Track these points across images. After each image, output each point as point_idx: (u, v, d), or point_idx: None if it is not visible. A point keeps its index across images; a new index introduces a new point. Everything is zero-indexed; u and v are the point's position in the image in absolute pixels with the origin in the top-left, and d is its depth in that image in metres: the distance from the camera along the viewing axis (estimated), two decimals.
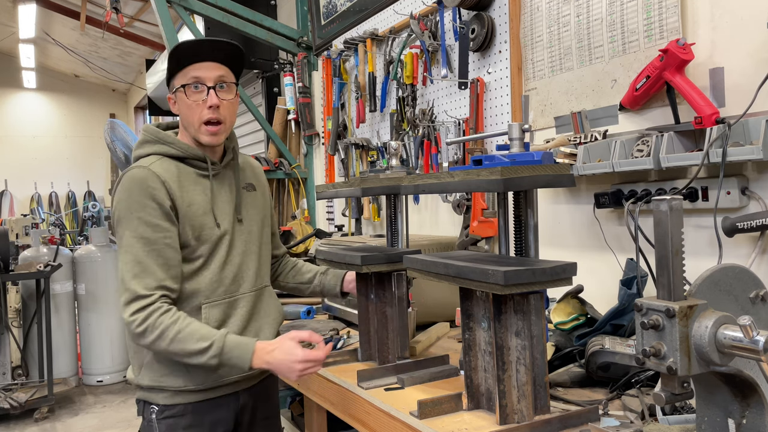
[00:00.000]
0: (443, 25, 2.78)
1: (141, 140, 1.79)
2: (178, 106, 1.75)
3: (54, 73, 11.89)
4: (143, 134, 1.79)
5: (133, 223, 1.64)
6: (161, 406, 1.73)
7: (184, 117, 1.75)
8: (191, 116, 1.71)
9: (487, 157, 1.45)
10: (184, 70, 1.70)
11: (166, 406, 1.72)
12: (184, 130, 1.79)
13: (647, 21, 1.89)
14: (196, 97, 1.70)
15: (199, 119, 1.71)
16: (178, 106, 1.75)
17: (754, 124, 1.57)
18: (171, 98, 1.77)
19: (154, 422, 1.73)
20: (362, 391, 1.68)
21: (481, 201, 2.47)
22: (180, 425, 1.72)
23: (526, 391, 1.36)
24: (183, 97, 1.71)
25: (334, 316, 2.64)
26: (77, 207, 11.82)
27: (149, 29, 8.03)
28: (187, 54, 1.69)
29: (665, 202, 1.00)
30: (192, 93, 1.70)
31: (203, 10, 3.86)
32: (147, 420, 1.75)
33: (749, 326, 0.93)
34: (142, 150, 1.76)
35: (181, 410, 1.72)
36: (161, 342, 1.59)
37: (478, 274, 1.31)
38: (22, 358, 5.22)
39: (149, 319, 1.59)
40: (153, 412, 1.73)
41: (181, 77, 1.71)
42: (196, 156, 1.75)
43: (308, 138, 4.25)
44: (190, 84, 1.69)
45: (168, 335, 1.58)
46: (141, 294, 1.60)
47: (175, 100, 1.75)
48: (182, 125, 1.79)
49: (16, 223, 6.81)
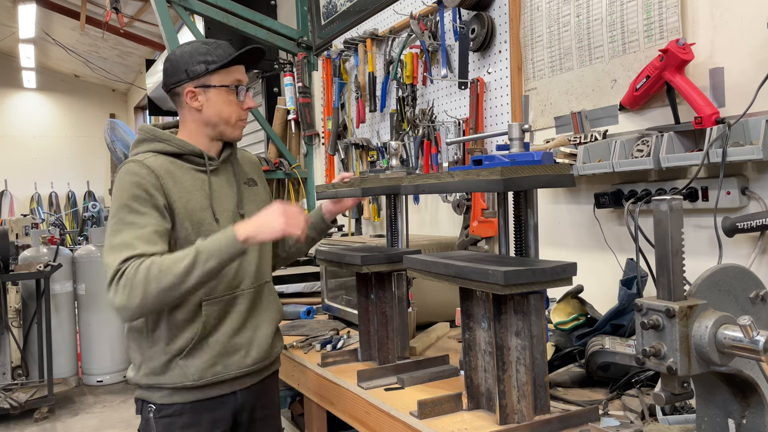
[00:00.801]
0: (443, 25, 2.78)
1: (137, 139, 1.80)
2: (211, 102, 1.77)
3: (54, 73, 11.89)
4: (139, 133, 1.81)
5: (122, 212, 1.63)
6: (158, 405, 1.73)
7: (217, 114, 1.77)
8: (230, 113, 1.79)
9: (487, 157, 1.45)
10: (227, 70, 1.78)
11: (164, 405, 1.73)
12: (199, 128, 1.79)
13: (647, 21, 1.89)
14: (234, 98, 1.79)
15: (237, 116, 1.81)
16: (210, 103, 1.77)
17: (754, 124, 1.57)
18: (195, 92, 1.76)
19: (152, 421, 1.73)
20: (362, 391, 1.68)
21: (481, 201, 2.47)
22: (177, 424, 1.72)
23: (526, 391, 1.36)
24: (223, 95, 1.77)
25: (334, 316, 2.64)
26: (77, 207, 11.82)
27: (149, 29, 8.04)
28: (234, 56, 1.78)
29: (665, 202, 1.00)
30: (232, 93, 1.79)
31: (203, 10, 3.86)
32: (145, 419, 1.76)
33: (749, 326, 0.93)
34: (138, 148, 1.78)
35: (178, 409, 1.72)
36: (150, 286, 1.51)
37: (478, 274, 1.31)
38: (22, 358, 5.22)
39: (123, 279, 1.52)
40: (150, 410, 1.74)
41: (223, 76, 1.77)
42: (193, 152, 1.77)
43: (308, 138, 4.25)
44: (232, 85, 1.78)
45: (151, 276, 1.51)
46: (116, 269, 1.55)
47: (205, 96, 1.77)
48: (201, 122, 1.79)
49: (16, 223, 6.81)
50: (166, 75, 1.80)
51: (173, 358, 1.70)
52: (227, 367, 1.74)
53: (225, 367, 1.74)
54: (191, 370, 1.70)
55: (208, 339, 1.72)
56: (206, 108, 1.77)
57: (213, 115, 1.78)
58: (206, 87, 1.76)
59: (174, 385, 1.70)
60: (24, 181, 11.57)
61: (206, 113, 1.78)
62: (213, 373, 1.72)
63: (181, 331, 1.70)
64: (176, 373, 1.70)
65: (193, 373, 1.70)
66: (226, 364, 1.74)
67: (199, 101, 1.77)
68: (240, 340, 1.77)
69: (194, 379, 1.70)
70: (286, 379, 2.23)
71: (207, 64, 1.75)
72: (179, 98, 1.79)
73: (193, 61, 1.75)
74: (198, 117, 1.78)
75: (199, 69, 1.75)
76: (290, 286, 2.96)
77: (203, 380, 1.71)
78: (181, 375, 1.70)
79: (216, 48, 1.78)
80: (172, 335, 1.70)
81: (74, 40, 9.46)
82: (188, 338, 1.70)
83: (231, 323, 1.75)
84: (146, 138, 1.78)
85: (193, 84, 1.76)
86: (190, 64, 1.75)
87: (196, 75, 1.75)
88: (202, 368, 1.70)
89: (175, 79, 1.78)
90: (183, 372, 1.70)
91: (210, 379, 1.72)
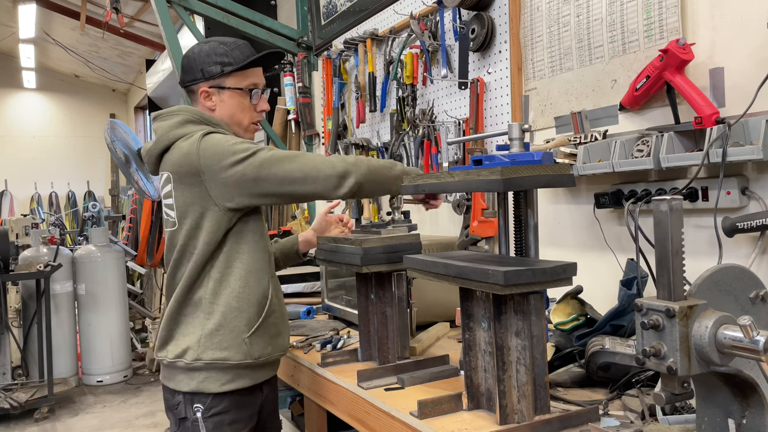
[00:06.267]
0: (443, 25, 2.78)
1: (182, 120, 1.73)
2: (225, 104, 1.78)
3: (54, 73, 11.88)
4: (183, 114, 1.74)
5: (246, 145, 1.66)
6: (210, 401, 1.69)
7: (230, 115, 1.80)
8: (243, 116, 1.81)
9: (487, 157, 1.45)
10: (243, 72, 1.78)
11: (215, 399, 1.69)
12: None
13: (647, 21, 1.89)
14: (248, 101, 1.80)
15: (250, 119, 1.83)
16: (224, 104, 1.78)
17: (754, 124, 1.57)
18: (209, 92, 1.77)
19: (200, 421, 1.69)
20: (362, 391, 1.68)
21: (481, 201, 2.47)
22: (225, 421, 1.71)
23: (526, 392, 1.36)
24: (236, 98, 1.78)
25: (334, 316, 2.64)
26: (77, 207, 11.81)
27: (149, 29, 8.03)
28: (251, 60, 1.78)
29: (665, 202, 1.00)
30: (245, 96, 1.79)
31: (203, 10, 3.86)
32: (191, 420, 1.70)
33: (749, 326, 0.93)
34: (186, 129, 1.72)
35: (227, 405, 1.71)
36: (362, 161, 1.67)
37: (478, 274, 1.31)
38: (22, 358, 5.23)
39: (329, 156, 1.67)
40: (199, 410, 1.69)
41: (239, 79, 1.78)
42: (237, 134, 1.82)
43: (308, 138, 4.25)
44: (247, 89, 1.79)
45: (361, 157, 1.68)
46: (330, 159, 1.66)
47: (219, 96, 1.77)
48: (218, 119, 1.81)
49: (16, 223, 6.81)
50: (183, 71, 1.80)
51: (239, 334, 1.69)
52: (275, 348, 1.79)
53: (274, 348, 1.78)
54: (254, 348, 1.72)
55: (269, 319, 1.75)
56: (219, 109, 1.79)
57: (226, 116, 1.79)
58: (221, 88, 1.77)
59: (239, 362, 1.69)
60: (24, 181, 11.56)
61: (219, 114, 1.79)
62: (267, 353, 1.75)
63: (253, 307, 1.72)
64: (243, 350, 1.70)
65: (255, 351, 1.72)
66: (274, 345, 1.79)
67: (213, 101, 1.78)
68: (281, 322, 1.82)
69: (255, 357, 1.72)
70: (286, 379, 2.23)
71: (223, 65, 1.75)
72: (194, 95, 1.80)
73: (209, 60, 1.75)
74: (213, 116, 1.79)
75: (214, 70, 1.75)
76: (290, 286, 2.96)
77: (261, 359, 1.74)
78: (245, 353, 1.70)
79: (234, 49, 1.77)
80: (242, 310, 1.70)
81: (74, 40, 9.46)
82: (256, 314, 1.72)
83: (279, 304, 1.81)
84: (194, 119, 1.74)
85: (208, 84, 1.76)
86: (206, 63, 1.76)
87: (211, 75, 1.76)
88: (262, 346, 1.74)
89: (191, 77, 1.78)
90: (248, 350, 1.70)
91: (266, 358, 1.75)
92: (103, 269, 5.61)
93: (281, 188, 1.64)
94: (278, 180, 1.63)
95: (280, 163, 1.63)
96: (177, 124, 1.73)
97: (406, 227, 1.90)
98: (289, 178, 1.63)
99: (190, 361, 1.68)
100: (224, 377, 1.70)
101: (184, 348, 1.70)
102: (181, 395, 1.71)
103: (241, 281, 1.70)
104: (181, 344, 1.71)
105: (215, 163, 1.63)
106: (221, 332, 1.69)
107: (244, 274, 1.71)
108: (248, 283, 1.71)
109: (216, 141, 1.66)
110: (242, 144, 1.66)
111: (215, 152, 1.64)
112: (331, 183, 1.64)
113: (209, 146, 1.65)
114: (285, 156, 1.65)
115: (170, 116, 1.75)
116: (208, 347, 1.68)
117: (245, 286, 1.71)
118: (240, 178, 1.63)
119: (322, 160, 1.66)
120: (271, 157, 1.64)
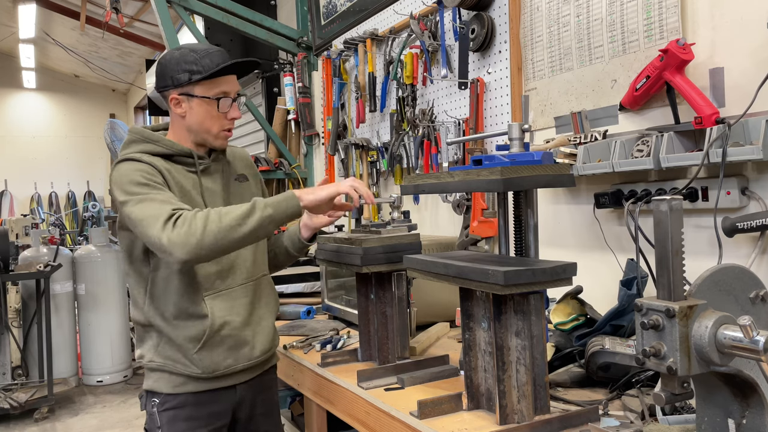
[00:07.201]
0: (443, 25, 2.78)
1: (127, 141, 1.80)
2: (193, 111, 1.77)
3: (54, 73, 11.89)
4: (129, 135, 1.81)
5: (137, 188, 1.64)
6: (163, 397, 1.76)
7: (198, 123, 1.77)
8: (211, 125, 1.78)
9: (487, 157, 1.45)
10: (212, 81, 1.75)
11: (168, 397, 1.75)
12: (184, 132, 1.81)
13: (647, 21, 1.89)
14: (216, 110, 1.77)
15: (220, 127, 1.80)
16: (192, 112, 1.77)
17: (754, 124, 1.57)
18: (178, 100, 1.77)
19: (156, 414, 1.77)
20: (362, 391, 1.68)
21: (481, 201, 2.47)
22: (180, 417, 1.76)
23: (526, 392, 1.36)
24: (204, 106, 1.76)
25: (334, 316, 2.64)
26: (77, 207, 11.82)
27: (149, 29, 8.03)
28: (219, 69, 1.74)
29: (665, 202, 1.00)
30: (213, 104, 1.76)
31: (203, 10, 3.86)
32: (149, 413, 1.80)
33: (749, 326, 0.93)
34: (129, 150, 1.77)
35: (182, 401, 1.75)
36: (211, 225, 1.52)
37: (478, 274, 1.31)
38: (22, 358, 5.22)
39: (180, 220, 1.53)
40: (154, 404, 1.77)
41: (207, 88, 1.75)
42: (183, 152, 1.78)
43: (308, 138, 4.25)
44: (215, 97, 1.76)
45: (211, 218, 1.54)
46: (170, 213, 1.55)
47: (188, 104, 1.77)
48: (185, 128, 1.80)
49: (16, 223, 6.81)
50: (156, 77, 1.82)
51: (186, 348, 1.73)
52: (237, 360, 1.78)
53: (235, 360, 1.78)
54: (206, 362, 1.74)
55: (220, 333, 1.75)
56: (189, 116, 1.78)
57: (194, 123, 1.78)
58: (189, 96, 1.76)
59: (190, 373, 1.74)
60: (24, 181, 11.56)
61: (189, 121, 1.79)
62: (227, 365, 1.76)
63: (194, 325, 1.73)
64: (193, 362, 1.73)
65: (208, 365, 1.74)
66: (236, 356, 1.78)
67: (182, 108, 1.78)
68: (246, 333, 1.80)
69: (210, 371, 1.74)
70: (286, 379, 2.23)
71: (191, 73, 1.74)
72: (167, 101, 1.81)
73: (178, 68, 1.75)
74: (183, 122, 1.79)
75: (183, 78, 1.74)
76: (290, 286, 2.96)
77: (218, 372, 1.75)
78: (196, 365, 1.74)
79: (204, 57, 1.74)
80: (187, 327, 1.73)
81: (74, 40, 9.46)
82: (200, 332, 1.73)
83: (237, 316, 1.78)
84: (136, 139, 1.78)
85: (177, 91, 1.76)
86: (175, 71, 1.75)
87: (179, 83, 1.75)
88: (217, 360, 1.75)
89: (162, 83, 1.79)
90: (199, 363, 1.74)
91: (224, 371, 1.76)
92: (103, 269, 5.61)
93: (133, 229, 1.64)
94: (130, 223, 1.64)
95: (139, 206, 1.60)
96: (126, 143, 1.81)
97: (406, 227, 1.90)
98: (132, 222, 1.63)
99: (146, 362, 1.79)
100: (176, 380, 1.76)
101: (142, 351, 1.81)
102: (144, 390, 1.82)
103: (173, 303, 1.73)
104: (142, 347, 1.82)
105: (114, 190, 1.70)
106: (166, 346, 1.76)
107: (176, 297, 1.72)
108: (180, 304, 1.72)
109: (120, 173, 1.69)
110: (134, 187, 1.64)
111: (115, 182, 1.69)
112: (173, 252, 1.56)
113: (115, 176, 1.70)
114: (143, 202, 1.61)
115: (128, 133, 1.82)
116: (159, 353, 1.77)
117: (178, 307, 1.73)
118: (121, 214, 1.69)
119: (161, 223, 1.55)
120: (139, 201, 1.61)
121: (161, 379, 1.77)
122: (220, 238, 1.53)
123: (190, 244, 1.52)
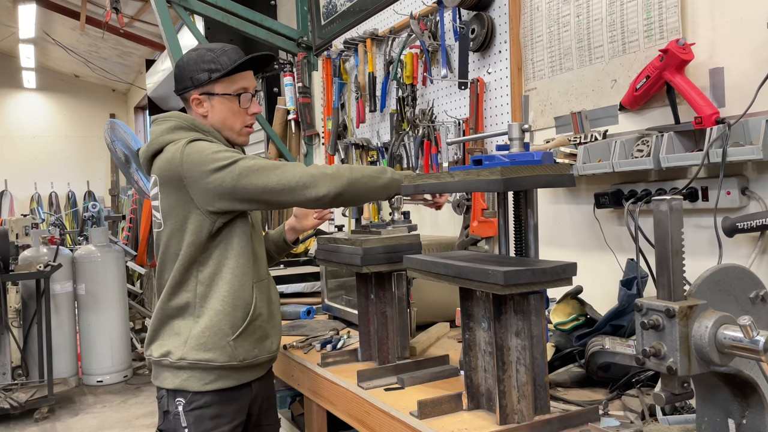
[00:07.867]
0: (443, 25, 2.78)
1: (173, 126, 1.79)
2: (215, 109, 1.81)
3: (54, 73, 11.88)
4: (175, 120, 1.80)
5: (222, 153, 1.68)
6: (191, 396, 1.74)
7: (221, 121, 1.82)
8: (234, 121, 1.83)
9: (487, 157, 1.45)
10: (232, 77, 1.79)
11: (196, 395, 1.74)
12: None
13: (647, 21, 1.89)
14: (238, 106, 1.82)
15: (242, 123, 1.85)
16: (214, 110, 1.81)
17: (754, 124, 1.57)
18: (200, 99, 1.80)
19: (181, 414, 1.74)
20: (362, 391, 1.68)
21: (481, 201, 2.47)
22: (207, 416, 1.75)
23: (526, 392, 1.36)
24: (226, 103, 1.80)
25: (334, 316, 2.64)
26: (77, 207, 11.81)
27: (149, 29, 8.03)
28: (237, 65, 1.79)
29: (665, 202, 1.00)
30: (235, 101, 1.81)
31: (203, 10, 3.86)
32: (173, 414, 1.75)
33: (749, 326, 0.93)
34: (175, 135, 1.76)
35: (208, 400, 1.75)
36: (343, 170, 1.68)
37: (478, 274, 1.31)
38: (22, 358, 5.22)
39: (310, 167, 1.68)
40: (180, 404, 1.75)
41: (227, 85, 1.79)
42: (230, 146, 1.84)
43: (308, 138, 4.25)
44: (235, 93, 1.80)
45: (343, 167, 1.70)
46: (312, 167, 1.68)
47: (209, 103, 1.80)
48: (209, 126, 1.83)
49: (16, 223, 6.81)
50: (175, 81, 1.85)
51: (223, 337, 1.73)
52: (261, 351, 1.82)
53: (260, 351, 1.81)
54: (239, 351, 1.75)
55: (255, 322, 1.78)
56: (211, 114, 1.82)
57: (217, 121, 1.82)
58: (210, 95, 1.79)
59: (222, 363, 1.74)
60: (24, 181, 11.56)
61: (211, 119, 1.82)
62: (253, 356, 1.79)
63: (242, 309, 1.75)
64: (227, 352, 1.74)
65: (240, 354, 1.75)
66: (261, 348, 1.82)
67: (204, 108, 1.81)
68: (269, 326, 1.85)
69: (240, 359, 1.76)
70: (286, 379, 2.23)
71: (210, 72, 1.78)
72: (188, 103, 1.83)
73: (197, 68, 1.78)
74: (205, 122, 1.82)
75: (202, 77, 1.78)
76: (290, 286, 2.96)
77: (246, 361, 1.77)
78: (229, 355, 1.74)
79: (221, 55, 1.79)
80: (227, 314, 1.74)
81: (74, 40, 9.46)
82: (242, 318, 1.75)
83: (267, 308, 1.84)
84: (184, 126, 1.79)
85: (198, 91, 1.80)
86: (195, 71, 1.79)
87: (200, 83, 1.79)
88: (247, 349, 1.77)
89: (182, 85, 1.82)
90: (232, 352, 1.74)
91: (251, 360, 1.79)
92: (103, 269, 5.61)
93: (260, 197, 1.68)
94: (257, 189, 1.67)
95: (258, 173, 1.67)
96: (168, 129, 1.79)
97: (406, 227, 1.90)
98: (268, 188, 1.66)
99: (174, 360, 1.74)
100: (207, 377, 1.75)
101: (169, 348, 1.76)
102: (164, 390, 1.78)
103: (228, 286, 1.75)
104: (166, 344, 1.77)
105: (196, 170, 1.68)
106: (207, 334, 1.74)
107: (231, 278, 1.75)
108: (234, 287, 1.75)
109: (199, 148, 1.70)
110: (225, 152, 1.70)
111: (197, 159, 1.68)
112: (309, 194, 1.67)
113: (192, 153, 1.69)
114: (264, 166, 1.68)
115: (164, 121, 1.81)
116: (193, 348, 1.73)
117: (231, 290, 1.75)
118: (219, 185, 1.67)
119: (302, 171, 1.68)
120: (251, 167, 1.67)
121: (192, 378, 1.74)
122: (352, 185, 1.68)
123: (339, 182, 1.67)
